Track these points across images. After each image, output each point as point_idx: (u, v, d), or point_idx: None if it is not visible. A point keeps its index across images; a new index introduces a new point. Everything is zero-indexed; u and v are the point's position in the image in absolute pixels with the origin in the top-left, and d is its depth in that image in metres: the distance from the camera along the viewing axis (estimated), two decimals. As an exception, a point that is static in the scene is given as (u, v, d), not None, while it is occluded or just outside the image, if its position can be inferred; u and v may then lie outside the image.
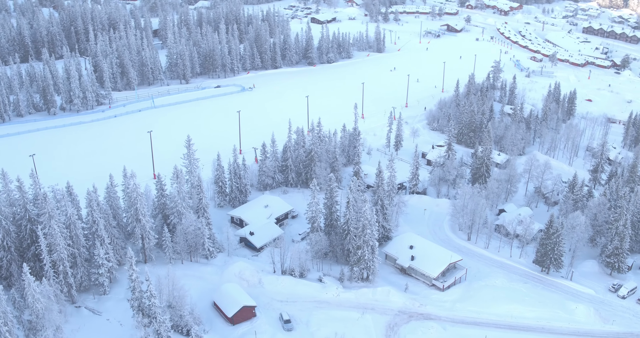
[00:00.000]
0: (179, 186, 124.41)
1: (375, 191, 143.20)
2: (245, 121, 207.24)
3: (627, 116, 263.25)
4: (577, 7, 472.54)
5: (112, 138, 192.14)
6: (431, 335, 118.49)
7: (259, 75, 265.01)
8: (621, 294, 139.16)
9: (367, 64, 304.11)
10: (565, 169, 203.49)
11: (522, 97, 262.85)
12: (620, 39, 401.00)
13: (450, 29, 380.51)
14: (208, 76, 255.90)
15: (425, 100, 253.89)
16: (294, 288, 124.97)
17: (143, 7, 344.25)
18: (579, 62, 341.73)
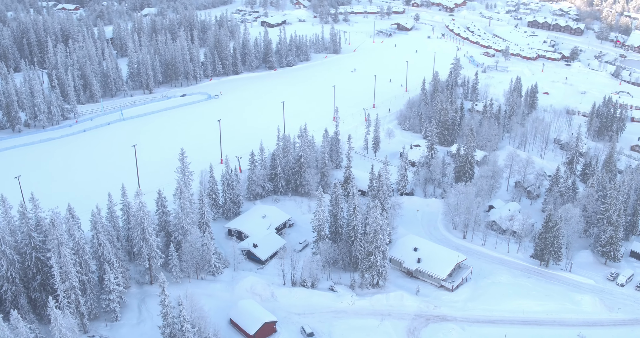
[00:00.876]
0: (182, 201, 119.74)
1: (376, 195, 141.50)
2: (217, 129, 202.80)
3: (589, 107, 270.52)
4: (519, 2, 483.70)
5: (85, 153, 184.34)
6: (453, 336, 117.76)
7: (221, 82, 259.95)
8: (620, 282, 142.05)
9: (327, 66, 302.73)
10: (538, 163, 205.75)
11: (484, 93, 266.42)
12: (565, 32, 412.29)
13: (401, 27, 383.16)
14: (170, 84, 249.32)
15: (391, 100, 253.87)
16: (309, 299, 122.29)
17: (90, 16, 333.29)
18: (530, 56, 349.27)
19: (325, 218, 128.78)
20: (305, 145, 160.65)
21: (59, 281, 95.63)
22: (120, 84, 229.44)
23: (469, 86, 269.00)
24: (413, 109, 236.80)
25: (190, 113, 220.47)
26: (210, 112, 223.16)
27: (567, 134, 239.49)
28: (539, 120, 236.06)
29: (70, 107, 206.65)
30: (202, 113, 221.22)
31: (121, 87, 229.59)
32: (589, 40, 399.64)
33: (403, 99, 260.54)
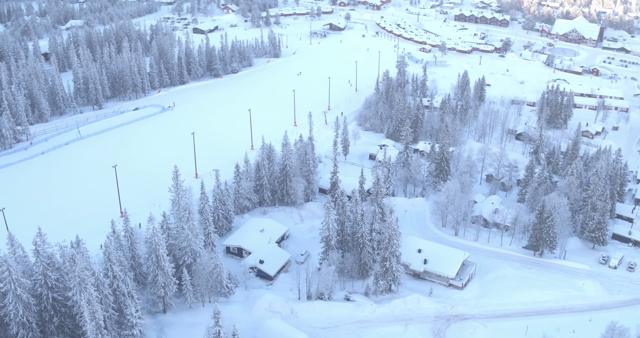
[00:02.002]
0: (191, 223, 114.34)
1: (374, 199, 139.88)
2: (182, 143, 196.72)
3: (533, 97, 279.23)
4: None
5: (49, 177, 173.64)
6: (478, 334, 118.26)
7: (170, 93, 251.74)
8: (612, 265, 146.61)
9: (271, 70, 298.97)
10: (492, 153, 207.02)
11: (432, 89, 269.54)
12: (492, 24, 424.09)
13: (334, 27, 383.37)
14: (119, 98, 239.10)
15: (345, 102, 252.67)
16: (329, 312, 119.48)
17: (14, 31, 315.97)
18: (465, 49, 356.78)
19: (334, 227, 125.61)
20: (289, 153, 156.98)
21: (89, 322, 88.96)
22: (70, 101, 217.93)
23: (418, 82, 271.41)
24: (371, 109, 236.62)
25: (149, 127, 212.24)
26: (169, 124, 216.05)
27: (521, 124, 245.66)
28: (494, 112, 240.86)
29: (22, 129, 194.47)
30: (161, 126, 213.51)
31: (70, 104, 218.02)
32: (516, 31, 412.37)
33: (356, 100, 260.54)
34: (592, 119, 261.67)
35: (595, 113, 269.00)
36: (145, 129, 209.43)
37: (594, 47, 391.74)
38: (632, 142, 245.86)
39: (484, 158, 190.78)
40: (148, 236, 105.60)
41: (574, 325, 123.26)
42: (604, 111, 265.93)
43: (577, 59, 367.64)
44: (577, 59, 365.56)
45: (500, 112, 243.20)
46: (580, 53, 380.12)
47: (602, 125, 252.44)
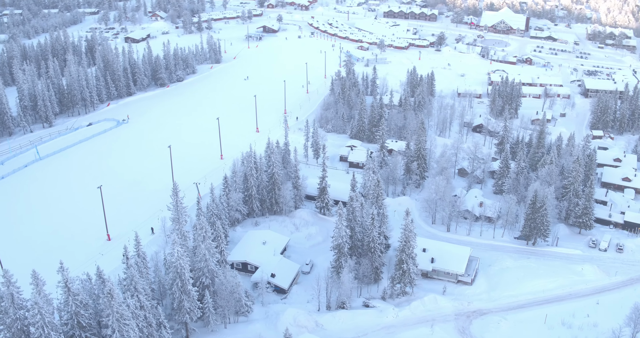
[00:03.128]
0: (207, 242, 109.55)
1: (374, 202, 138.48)
2: (148, 157, 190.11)
3: (478, 89, 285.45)
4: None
5: (17, 203, 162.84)
6: (502, 328, 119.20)
7: (120, 105, 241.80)
8: (602, 247, 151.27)
9: (217, 76, 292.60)
10: (464, 147, 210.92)
11: (383, 87, 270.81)
12: (421, 19, 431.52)
13: (268, 30, 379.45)
14: (67, 114, 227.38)
15: (296, 104, 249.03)
16: (354, 321, 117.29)
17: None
18: (402, 45, 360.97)
19: (347, 233, 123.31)
20: (276, 160, 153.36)
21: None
22: (20, 120, 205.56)
23: (368, 81, 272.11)
24: (330, 110, 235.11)
25: (109, 143, 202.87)
26: (129, 138, 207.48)
27: (474, 117, 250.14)
28: (450, 106, 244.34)
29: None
30: (121, 141, 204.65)
31: (20, 123, 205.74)
32: (445, 25, 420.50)
33: (309, 102, 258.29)
34: (539, 107, 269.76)
35: (540, 101, 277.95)
36: (105, 145, 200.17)
37: (522, 37, 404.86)
38: (581, 127, 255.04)
39: (457, 152, 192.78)
40: (172, 260, 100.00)
41: (584, 309, 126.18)
42: (549, 98, 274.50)
43: (509, 49, 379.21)
44: (508, 50, 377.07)
45: (456, 106, 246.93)
46: (510, 43, 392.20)
47: (551, 113, 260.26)
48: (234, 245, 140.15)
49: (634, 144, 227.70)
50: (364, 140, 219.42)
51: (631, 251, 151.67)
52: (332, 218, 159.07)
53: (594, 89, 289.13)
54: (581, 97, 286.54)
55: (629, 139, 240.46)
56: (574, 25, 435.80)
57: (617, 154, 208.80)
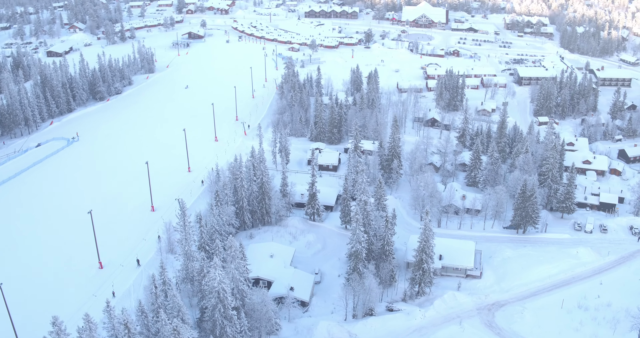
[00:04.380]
0: (237, 261, 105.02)
1: (378, 204, 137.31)
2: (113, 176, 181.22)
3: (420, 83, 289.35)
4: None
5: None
6: (526, 317, 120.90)
7: (63, 123, 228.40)
8: (588, 229, 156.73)
9: (156, 86, 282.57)
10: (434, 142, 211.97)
11: (328, 87, 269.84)
12: (343, 17, 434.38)
13: (193, 36, 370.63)
14: (9, 136, 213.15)
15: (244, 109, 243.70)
16: (385, 326, 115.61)
17: None
18: (333, 44, 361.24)
19: (365, 239, 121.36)
20: (265, 169, 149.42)
21: None
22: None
23: (313, 82, 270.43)
24: (285, 114, 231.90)
25: (66, 163, 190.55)
26: (85, 157, 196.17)
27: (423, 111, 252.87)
28: (402, 102, 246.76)
29: None
30: (78, 161, 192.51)
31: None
32: (368, 22, 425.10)
33: (258, 106, 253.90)
34: (480, 98, 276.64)
35: (478, 92, 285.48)
36: (61, 166, 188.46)
37: (443, 30, 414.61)
38: (524, 114, 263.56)
39: (426, 147, 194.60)
40: (213, 285, 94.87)
41: (592, 291, 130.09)
42: (489, 88, 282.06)
43: (434, 42, 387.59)
44: (433, 43, 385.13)
45: (408, 102, 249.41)
46: (434, 37, 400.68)
47: (495, 102, 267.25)
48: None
49: (580, 128, 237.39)
50: (325, 142, 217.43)
51: (614, 231, 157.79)
52: (322, 223, 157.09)
53: (527, 77, 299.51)
54: (516, 86, 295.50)
55: (572, 123, 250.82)
56: (490, 15, 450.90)
57: (569, 139, 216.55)
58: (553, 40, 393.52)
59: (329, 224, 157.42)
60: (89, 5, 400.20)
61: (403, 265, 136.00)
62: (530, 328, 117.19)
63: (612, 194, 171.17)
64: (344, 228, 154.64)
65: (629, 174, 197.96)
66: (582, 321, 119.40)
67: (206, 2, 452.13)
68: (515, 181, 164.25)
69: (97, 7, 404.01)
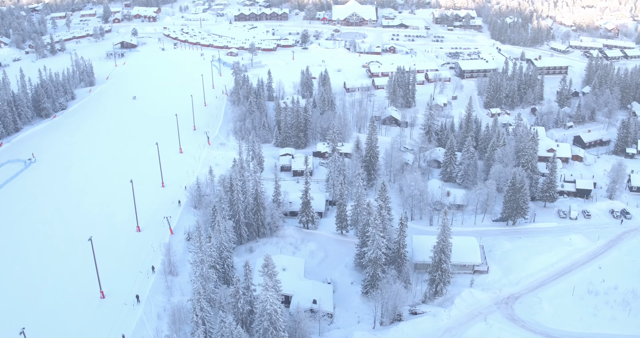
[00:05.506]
0: (268, 278, 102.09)
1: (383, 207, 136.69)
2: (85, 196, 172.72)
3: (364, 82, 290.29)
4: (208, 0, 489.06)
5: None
6: (544, 307, 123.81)
7: (12, 144, 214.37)
8: (573, 216, 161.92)
9: (100, 99, 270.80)
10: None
11: (280, 90, 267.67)
12: (273, 19, 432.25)
13: (127, 45, 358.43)
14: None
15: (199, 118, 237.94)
16: (416, 330, 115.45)
17: None
18: (270, 47, 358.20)
19: (384, 244, 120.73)
20: (258, 179, 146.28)
21: None
22: None
23: (264, 86, 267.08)
24: (247, 120, 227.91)
25: (29, 186, 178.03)
26: (47, 179, 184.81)
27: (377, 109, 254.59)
28: (358, 102, 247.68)
29: None
30: (40, 183, 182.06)
31: None
32: (299, 23, 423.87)
33: (212, 115, 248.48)
34: (428, 93, 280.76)
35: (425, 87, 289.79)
36: (25, 190, 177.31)
37: (375, 27, 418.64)
38: (475, 107, 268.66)
39: (400, 146, 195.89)
40: (265, 307, 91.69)
41: (595, 275, 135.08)
42: (433, 83, 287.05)
43: (368, 40, 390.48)
44: (368, 41, 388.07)
45: (364, 101, 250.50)
46: (367, 35, 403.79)
47: (446, 97, 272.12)
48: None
49: (533, 118, 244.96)
50: (291, 147, 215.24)
51: (597, 216, 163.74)
52: (317, 231, 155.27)
53: (469, 70, 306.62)
54: (459, 79, 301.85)
55: (522, 113, 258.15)
56: (417, 11, 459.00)
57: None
58: (482, 33, 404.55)
59: (323, 231, 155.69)
60: (11, 18, 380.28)
61: (411, 267, 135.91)
62: (552, 318, 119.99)
63: (587, 181, 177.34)
64: (340, 234, 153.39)
65: (590, 159, 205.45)
66: (597, 306, 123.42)
67: (132, 10, 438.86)
68: (498, 174, 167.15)
69: (20, 20, 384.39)
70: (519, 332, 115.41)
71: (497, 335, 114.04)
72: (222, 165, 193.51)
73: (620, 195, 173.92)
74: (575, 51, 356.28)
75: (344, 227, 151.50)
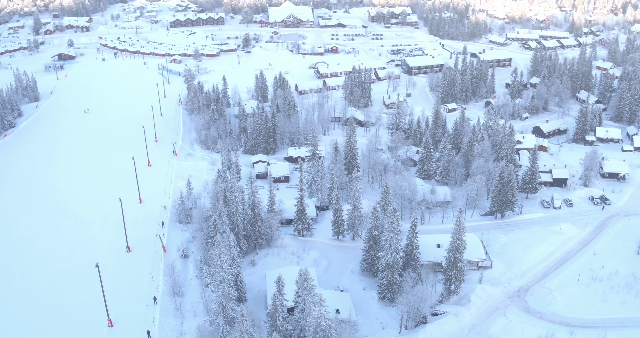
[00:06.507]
0: (305, 291, 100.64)
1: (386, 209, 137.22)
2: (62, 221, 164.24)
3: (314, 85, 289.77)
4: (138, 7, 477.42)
5: None
6: (556, 296, 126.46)
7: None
8: (557, 206, 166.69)
9: (50, 114, 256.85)
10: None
11: (236, 96, 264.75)
12: (210, 24, 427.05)
13: (64, 57, 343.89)
14: None
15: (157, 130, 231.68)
16: (442, 331, 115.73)
17: None
18: (214, 52, 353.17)
19: (402, 248, 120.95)
20: (255, 190, 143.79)
21: None
22: None
23: (219, 92, 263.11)
24: (211, 128, 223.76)
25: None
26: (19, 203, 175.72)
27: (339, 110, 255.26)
28: (319, 104, 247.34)
29: None
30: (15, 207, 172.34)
31: None
32: (237, 27, 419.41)
33: (171, 124, 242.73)
34: (381, 91, 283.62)
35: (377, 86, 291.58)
36: None
37: (313, 28, 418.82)
38: (429, 103, 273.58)
39: (376, 146, 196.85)
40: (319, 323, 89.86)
41: (593, 262, 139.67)
42: (383, 81, 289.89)
43: (308, 41, 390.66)
44: (308, 42, 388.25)
45: (324, 104, 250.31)
46: (307, 36, 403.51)
47: (401, 94, 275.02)
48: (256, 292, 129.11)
49: (492, 111, 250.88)
50: (261, 153, 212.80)
51: (578, 204, 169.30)
52: (313, 238, 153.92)
53: (417, 67, 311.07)
54: (407, 77, 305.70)
55: (477, 107, 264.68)
56: (351, 9, 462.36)
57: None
58: (420, 29, 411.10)
59: (319, 237, 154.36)
60: None
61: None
62: (565, 307, 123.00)
63: (563, 170, 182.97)
64: (336, 239, 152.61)
65: (554, 149, 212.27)
66: (604, 291, 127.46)
67: (63, 21, 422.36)
68: (481, 169, 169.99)
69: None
70: (539, 324, 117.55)
71: (520, 328, 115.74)
72: (196, 176, 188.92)
73: (594, 182, 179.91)
74: (513, 43, 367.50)
75: (340, 232, 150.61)
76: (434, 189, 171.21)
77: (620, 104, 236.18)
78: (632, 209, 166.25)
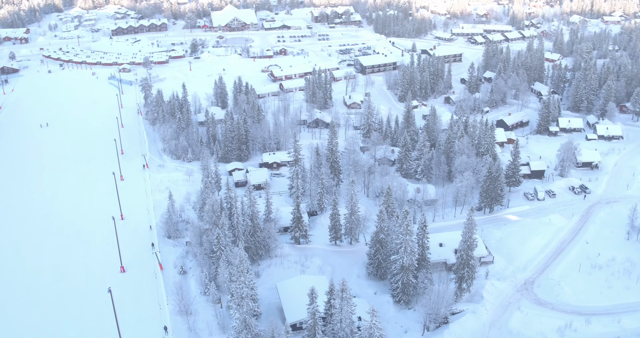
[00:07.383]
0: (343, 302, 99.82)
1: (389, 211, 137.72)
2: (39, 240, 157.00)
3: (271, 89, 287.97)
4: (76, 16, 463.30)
5: None
6: (563, 287, 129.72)
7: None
8: (541, 197, 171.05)
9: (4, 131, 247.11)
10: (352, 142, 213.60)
11: (197, 103, 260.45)
12: (152, 30, 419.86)
13: (7, 70, 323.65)
14: None
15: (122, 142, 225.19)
16: (464, 330, 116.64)
17: None
18: (163, 59, 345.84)
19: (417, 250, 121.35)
20: (253, 199, 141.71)
21: None
22: None
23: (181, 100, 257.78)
24: (180, 138, 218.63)
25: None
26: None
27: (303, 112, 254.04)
28: (285, 107, 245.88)
29: None
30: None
31: None
32: (180, 32, 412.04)
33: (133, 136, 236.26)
34: (339, 92, 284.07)
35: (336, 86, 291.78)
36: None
37: (257, 30, 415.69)
38: (389, 101, 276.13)
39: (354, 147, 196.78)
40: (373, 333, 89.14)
41: (589, 250, 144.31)
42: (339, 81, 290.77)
43: (255, 44, 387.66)
44: (255, 44, 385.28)
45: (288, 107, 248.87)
46: (253, 39, 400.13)
47: (362, 94, 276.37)
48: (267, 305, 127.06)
49: (453, 106, 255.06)
50: (235, 160, 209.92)
51: (560, 194, 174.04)
52: (311, 245, 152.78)
53: (371, 66, 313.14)
54: (361, 76, 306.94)
55: (437, 102, 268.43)
56: (293, 11, 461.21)
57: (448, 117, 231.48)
58: (363, 28, 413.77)
59: (317, 244, 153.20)
60: None
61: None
62: (575, 296, 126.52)
63: (540, 162, 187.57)
64: (334, 245, 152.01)
65: (522, 141, 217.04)
66: (607, 278, 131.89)
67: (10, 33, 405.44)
68: (464, 165, 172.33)
69: None
70: (554, 315, 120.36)
71: (538, 321, 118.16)
72: (174, 188, 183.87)
73: (570, 172, 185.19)
74: (459, 38, 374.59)
75: (338, 237, 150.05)
76: (423, 188, 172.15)
77: (577, 94, 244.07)
78: (611, 197, 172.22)
